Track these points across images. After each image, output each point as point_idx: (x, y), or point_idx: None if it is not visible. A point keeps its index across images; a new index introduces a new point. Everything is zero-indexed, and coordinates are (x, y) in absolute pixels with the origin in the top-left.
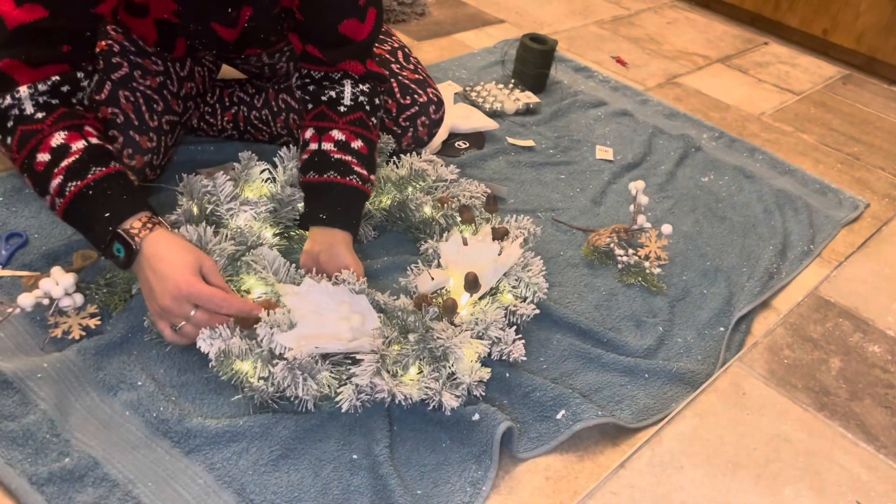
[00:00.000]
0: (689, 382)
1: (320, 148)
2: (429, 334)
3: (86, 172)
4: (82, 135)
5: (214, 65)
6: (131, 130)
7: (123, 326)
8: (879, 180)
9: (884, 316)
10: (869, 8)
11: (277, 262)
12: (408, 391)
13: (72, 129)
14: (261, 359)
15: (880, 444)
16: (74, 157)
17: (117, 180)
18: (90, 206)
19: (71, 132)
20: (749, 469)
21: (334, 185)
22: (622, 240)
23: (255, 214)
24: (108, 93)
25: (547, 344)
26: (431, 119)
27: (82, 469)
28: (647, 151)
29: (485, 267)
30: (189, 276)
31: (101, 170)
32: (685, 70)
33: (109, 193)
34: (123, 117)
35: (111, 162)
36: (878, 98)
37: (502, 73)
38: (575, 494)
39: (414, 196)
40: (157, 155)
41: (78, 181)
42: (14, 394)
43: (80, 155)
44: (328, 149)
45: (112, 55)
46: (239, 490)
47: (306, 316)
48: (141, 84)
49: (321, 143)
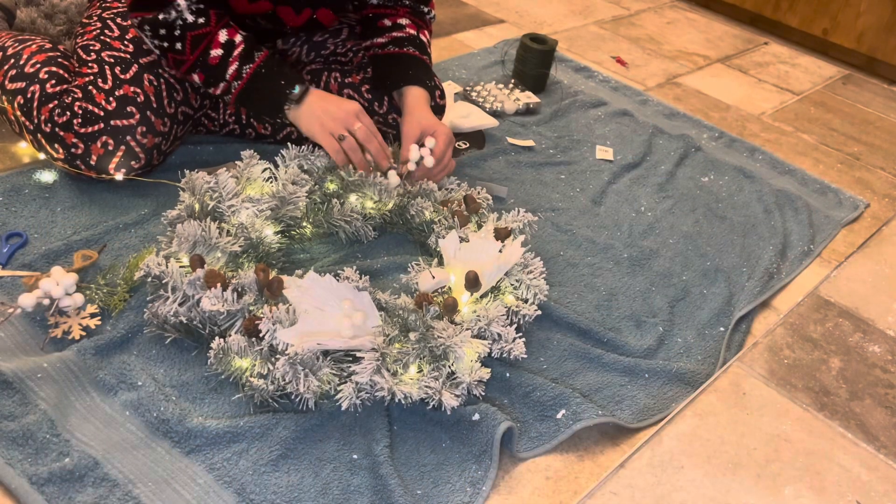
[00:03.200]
0: (689, 382)
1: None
2: (429, 333)
3: (254, 55)
4: (237, 30)
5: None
6: (149, 111)
7: (123, 326)
8: (879, 180)
9: (884, 316)
10: (869, 8)
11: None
12: (408, 390)
13: (228, 25)
14: (260, 356)
15: (880, 444)
16: (241, 47)
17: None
18: (266, 79)
19: (229, 29)
20: (749, 469)
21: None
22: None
23: (257, 212)
24: (134, 73)
25: (547, 344)
26: (437, 103)
27: (82, 469)
28: (647, 151)
29: (486, 265)
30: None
31: (260, 54)
32: (685, 70)
33: (275, 66)
34: (144, 97)
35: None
36: (878, 98)
37: (502, 73)
38: (575, 494)
39: (416, 202)
40: (166, 140)
41: (250, 64)
42: (14, 394)
43: (244, 45)
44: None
45: (143, 42)
46: (239, 490)
47: (308, 311)
48: (166, 72)
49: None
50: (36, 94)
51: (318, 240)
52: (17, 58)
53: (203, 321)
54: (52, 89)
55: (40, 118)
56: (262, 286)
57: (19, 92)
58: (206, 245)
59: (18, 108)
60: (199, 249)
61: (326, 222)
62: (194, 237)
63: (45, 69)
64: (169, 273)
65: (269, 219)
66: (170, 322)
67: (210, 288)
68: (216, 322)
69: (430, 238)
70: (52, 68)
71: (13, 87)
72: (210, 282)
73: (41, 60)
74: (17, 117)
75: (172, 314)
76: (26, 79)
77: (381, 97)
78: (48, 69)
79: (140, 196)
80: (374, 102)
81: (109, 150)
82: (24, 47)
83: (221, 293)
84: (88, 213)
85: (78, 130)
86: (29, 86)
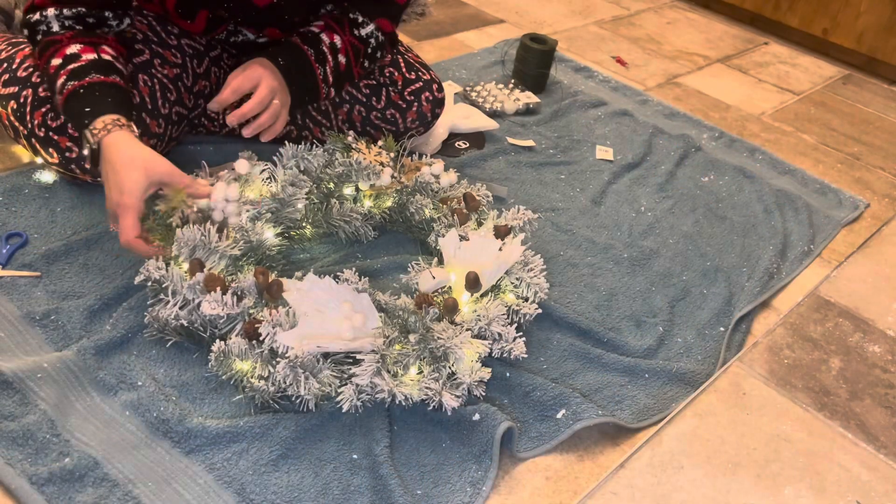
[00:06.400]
0: (689, 382)
1: (318, 34)
2: (429, 334)
3: (84, 76)
4: (96, 50)
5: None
6: (143, 112)
7: (123, 326)
8: (879, 180)
9: (884, 316)
10: (869, 8)
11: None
12: (408, 391)
13: (88, 44)
14: (261, 358)
15: (880, 444)
16: (81, 63)
17: (110, 88)
18: (76, 103)
19: (86, 46)
20: (749, 469)
21: (304, 53)
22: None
23: (257, 214)
24: (129, 74)
25: (547, 344)
26: (435, 97)
27: (82, 469)
28: (647, 151)
29: (486, 264)
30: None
31: (99, 77)
32: (685, 70)
33: (97, 95)
34: (139, 98)
35: (114, 76)
36: (878, 98)
37: (502, 73)
38: (575, 494)
39: (415, 199)
40: (161, 142)
41: (75, 81)
42: (14, 394)
43: (86, 63)
44: (324, 39)
45: (135, 41)
46: (239, 490)
47: (308, 314)
48: (159, 72)
49: (321, 32)
50: (29, 99)
51: (317, 240)
52: (9, 62)
53: (204, 324)
54: (44, 93)
55: (34, 122)
56: (262, 289)
57: (12, 97)
58: (206, 249)
59: (12, 112)
60: (200, 253)
61: (326, 222)
62: (194, 241)
63: (37, 73)
64: (169, 277)
65: (268, 221)
66: (170, 326)
67: (210, 292)
68: (216, 325)
69: (430, 236)
70: None
71: (6, 91)
72: (209, 286)
73: (34, 64)
74: (11, 122)
75: (173, 317)
76: (19, 83)
77: (380, 93)
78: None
79: None
80: (371, 98)
81: None
82: (16, 51)
83: (221, 297)
84: (88, 213)
85: (72, 134)
86: (22, 90)
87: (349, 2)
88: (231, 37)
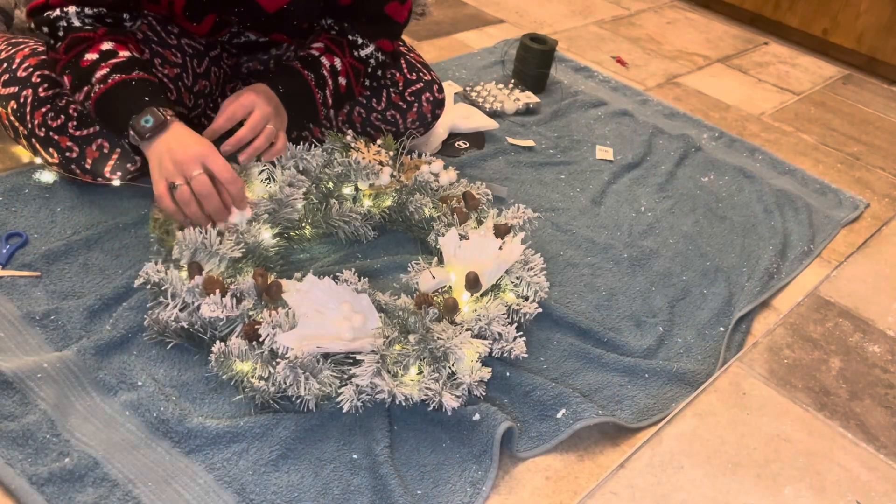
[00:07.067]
0: (689, 382)
1: (318, 57)
2: (429, 334)
3: (131, 70)
4: (128, 48)
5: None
6: None
7: (123, 326)
8: (879, 180)
9: (884, 316)
10: (869, 8)
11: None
12: (408, 392)
13: (119, 41)
14: (261, 359)
15: (880, 444)
16: (122, 58)
17: (158, 87)
18: (130, 92)
19: (118, 43)
20: (749, 469)
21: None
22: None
23: (255, 215)
24: None
25: (547, 344)
26: (435, 98)
27: (82, 469)
28: (647, 151)
29: (486, 263)
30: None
31: (144, 74)
32: (685, 70)
33: (150, 89)
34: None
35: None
36: (878, 98)
37: (502, 73)
38: (575, 494)
39: (414, 198)
40: None
41: (123, 74)
42: (14, 394)
43: (128, 58)
44: (324, 63)
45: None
46: (239, 490)
47: (307, 315)
48: (159, 71)
49: (321, 56)
50: (29, 99)
51: (317, 240)
52: (9, 62)
53: (203, 326)
54: (44, 93)
55: (34, 122)
56: (261, 291)
57: (12, 97)
58: (207, 252)
59: (12, 113)
60: (200, 256)
61: (325, 222)
62: (195, 244)
63: (37, 73)
64: (168, 280)
65: (266, 222)
66: (170, 328)
67: (209, 294)
68: (216, 327)
69: (430, 235)
70: (44, 72)
71: (6, 91)
72: (208, 288)
73: (34, 64)
74: (11, 122)
75: (173, 320)
76: (19, 83)
77: (380, 94)
78: (41, 73)
79: (140, 196)
80: (371, 99)
81: (105, 153)
82: (16, 51)
83: (220, 299)
84: (88, 213)
85: (73, 133)
86: (22, 90)
87: (349, 23)
88: (234, 38)
